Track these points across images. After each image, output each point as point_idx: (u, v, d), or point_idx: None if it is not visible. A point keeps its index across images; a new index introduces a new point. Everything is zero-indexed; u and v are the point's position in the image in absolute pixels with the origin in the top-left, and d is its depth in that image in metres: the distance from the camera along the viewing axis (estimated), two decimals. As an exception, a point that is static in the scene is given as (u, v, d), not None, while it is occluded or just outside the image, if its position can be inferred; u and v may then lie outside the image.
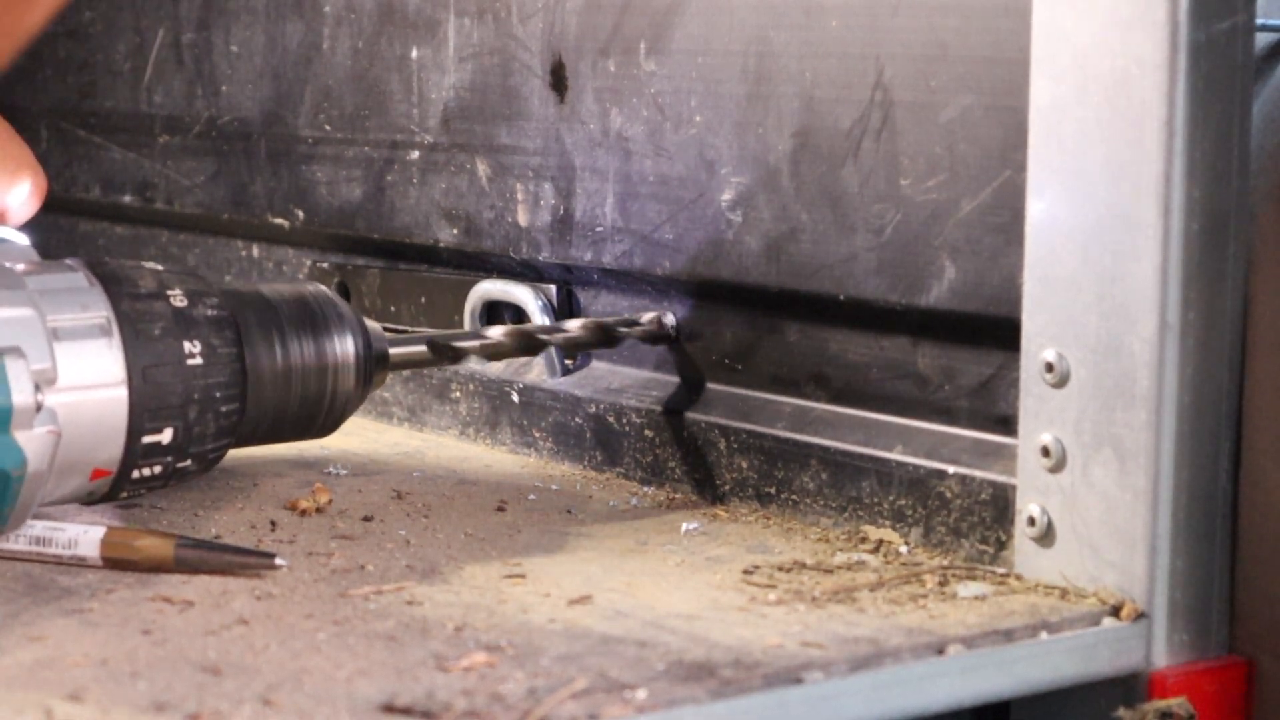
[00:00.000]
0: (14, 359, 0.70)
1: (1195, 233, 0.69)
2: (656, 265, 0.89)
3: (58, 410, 0.72)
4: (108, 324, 0.75)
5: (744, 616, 0.69)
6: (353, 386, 0.82)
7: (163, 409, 0.75)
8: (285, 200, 1.08)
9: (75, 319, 0.74)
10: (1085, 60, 0.71)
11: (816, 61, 0.82)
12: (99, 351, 0.74)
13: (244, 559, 0.73)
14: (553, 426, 0.94)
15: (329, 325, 0.82)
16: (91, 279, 0.76)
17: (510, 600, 0.71)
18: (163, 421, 0.75)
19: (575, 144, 0.92)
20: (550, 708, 0.59)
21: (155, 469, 0.76)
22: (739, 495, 0.86)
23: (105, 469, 0.75)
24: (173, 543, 0.73)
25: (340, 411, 0.83)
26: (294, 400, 0.81)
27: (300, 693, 0.60)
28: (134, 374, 0.74)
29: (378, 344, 0.84)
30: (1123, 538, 0.71)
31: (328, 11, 1.05)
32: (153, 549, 0.73)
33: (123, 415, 0.74)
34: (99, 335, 0.74)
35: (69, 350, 0.73)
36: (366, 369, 0.83)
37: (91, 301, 0.75)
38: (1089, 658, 0.69)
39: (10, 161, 0.81)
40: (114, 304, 0.75)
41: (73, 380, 0.73)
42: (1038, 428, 0.73)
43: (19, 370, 0.70)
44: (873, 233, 0.80)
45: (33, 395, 0.70)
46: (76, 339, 0.74)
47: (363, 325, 0.83)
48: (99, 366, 0.74)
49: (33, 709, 0.59)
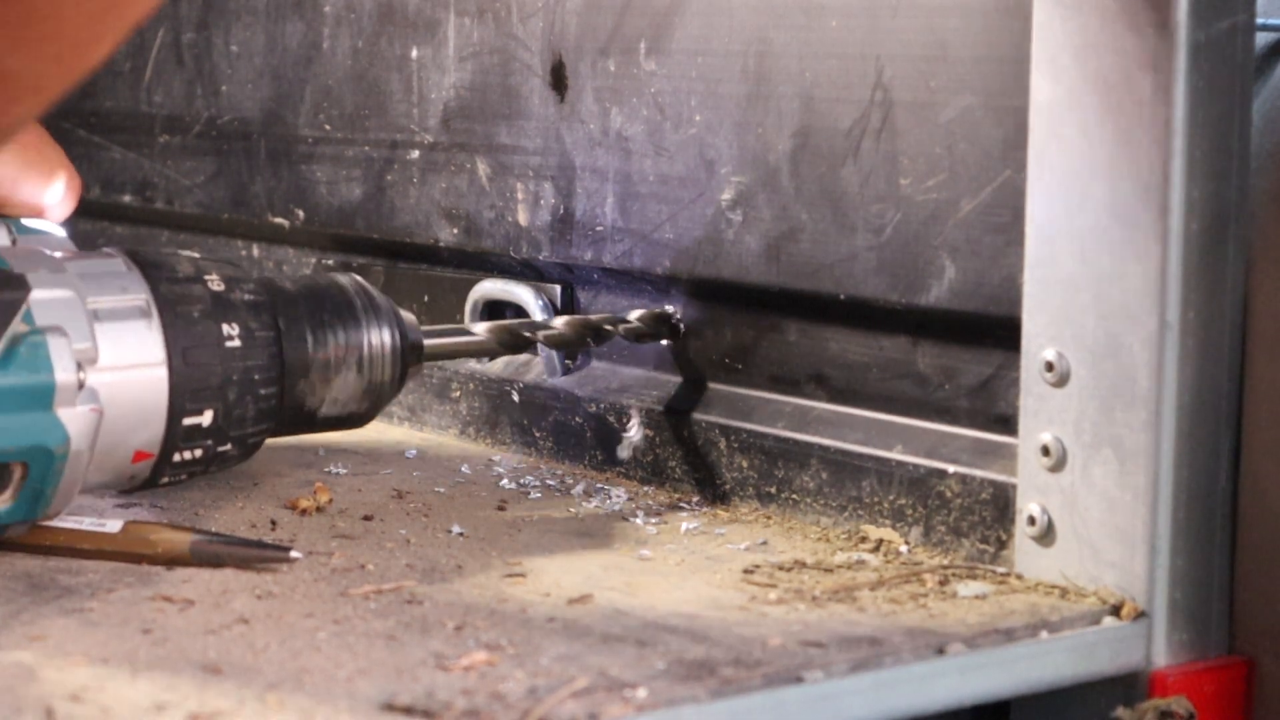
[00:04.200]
0: (56, 337, 0.71)
1: (1195, 233, 0.69)
2: (657, 265, 0.89)
3: (99, 389, 0.73)
4: (147, 306, 0.75)
5: (744, 616, 0.69)
6: (388, 376, 0.83)
7: (202, 390, 0.76)
8: (285, 200, 1.08)
9: (115, 301, 0.75)
10: (1085, 60, 0.71)
11: (816, 61, 0.82)
12: (139, 332, 0.75)
13: (260, 552, 0.74)
14: (553, 426, 0.94)
15: (365, 314, 0.82)
16: (130, 264, 0.77)
17: (510, 599, 0.71)
18: (203, 403, 0.76)
19: (575, 144, 0.92)
20: (550, 707, 0.59)
21: (196, 452, 0.77)
22: (739, 494, 0.86)
23: (147, 451, 0.75)
24: (189, 536, 0.74)
25: (376, 401, 0.83)
26: (331, 388, 0.81)
27: (300, 692, 0.60)
28: (173, 355, 0.75)
29: (413, 334, 0.84)
30: (1123, 537, 0.71)
31: (328, 11, 1.05)
32: (169, 542, 0.74)
33: (163, 395, 0.75)
34: (139, 317, 0.75)
35: (109, 331, 0.74)
36: (402, 359, 0.83)
37: (131, 285, 0.76)
38: (1089, 657, 0.69)
39: (46, 162, 0.82)
40: (153, 287, 0.76)
41: (113, 360, 0.74)
42: (1038, 427, 0.73)
43: (61, 348, 0.71)
44: (873, 232, 0.80)
45: (75, 373, 0.71)
46: (116, 320, 0.74)
47: (398, 316, 0.84)
48: (139, 347, 0.75)
49: (33, 709, 0.59)
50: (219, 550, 0.74)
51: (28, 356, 0.70)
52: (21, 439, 0.70)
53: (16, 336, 0.70)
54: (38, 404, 0.70)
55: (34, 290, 0.72)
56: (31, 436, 0.70)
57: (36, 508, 0.72)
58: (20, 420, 0.70)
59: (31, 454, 0.70)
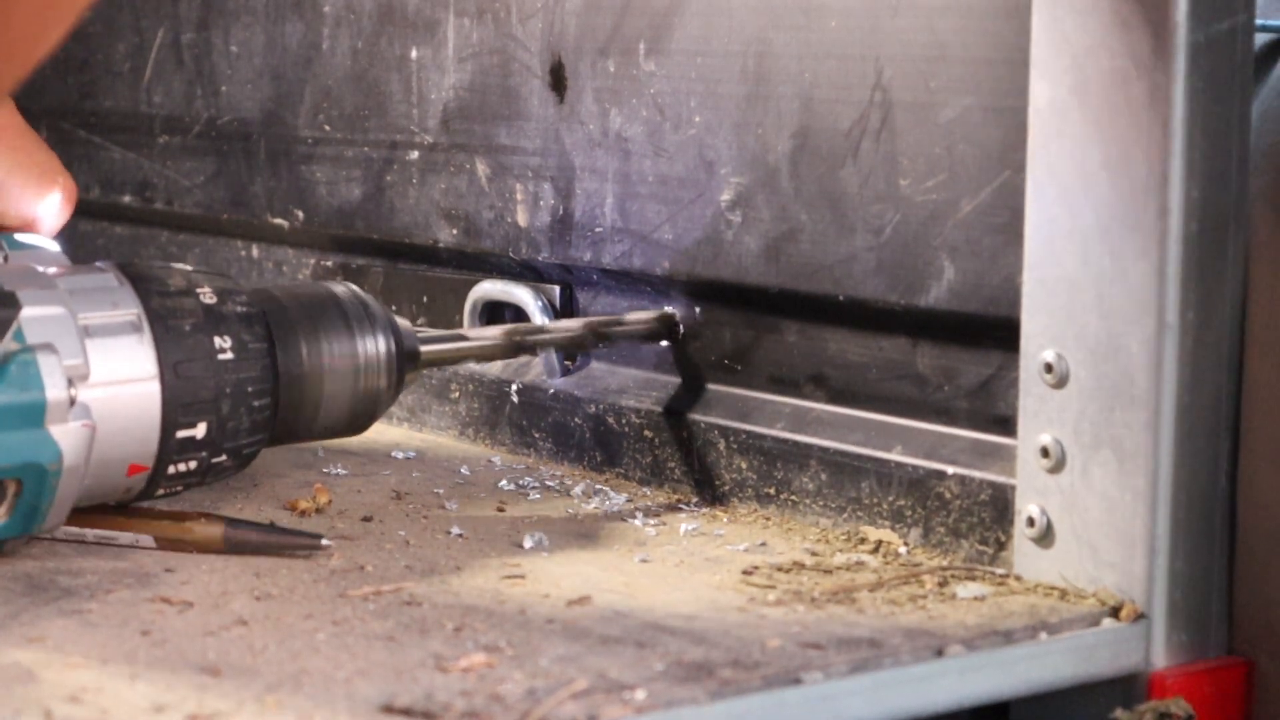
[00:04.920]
0: (46, 355, 0.71)
1: (1194, 233, 0.69)
2: (656, 265, 0.89)
3: (91, 405, 0.73)
4: (138, 320, 0.75)
5: (743, 617, 0.69)
6: (384, 384, 0.83)
7: (195, 403, 0.76)
8: (285, 200, 1.08)
9: (106, 316, 0.75)
10: (1085, 60, 0.71)
11: (816, 62, 0.82)
12: (130, 347, 0.75)
13: (291, 540, 0.76)
14: (552, 427, 0.94)
15: (359, 323, 0.82)
16: (121, 278, 0.77)
17: (509, 601, 0.71)
18: (196, 416, 0.76)
19: (575, 144, 0.92)
20: (549, 708, 0.59)
21: (190, 464, 0.77)
22: (738, 496, 0.86)
23: (141, 464, 0.76)
24: (222, 524, 0.76)
25: (372, 410, 0.83)
26: (326, 397, 0.81)
27: (299, 693, 0.60)
28: (165, 369, 0.75)
29: (408, 342, 0.84)
30: (1122, 538, 0.71)
31: (328, 11, 1.05)
32: (203, 531, 0.76)
33: (156, 409, 0.75)
34: (130, 332, 0.75)
35: (100, 347, 0.74)
36: (398, 367, 0.83)
37: (122, 300, 0.76)
38: (1088, 658, 0.69)
39: (41, 171, 0.82)
40: (144, 301, 0.76)
41: (105, 376, 0.74)
42: (1037, 428, 0.73)
43: (52, 365, 0.71)
44: (872, 233, 0.80)
45: (66, 390, 0.71)
46: (108, 335, 0.75)
47: (393, 323, 0.84)
48: (131, 362, 0.75)
49: (32, 709, 0.59)
50: (252, 539, 0.76)
51: (18, 374, 0.71)
52: (14, 456, 0.70)
53: (7, 354, 0.71)
54: (30, 421, 0.71)
55: (24, 308, 0.72)
56: (24, 454, 0.71)
57: (31, 523, 0.72)
58: (12, 438, 0.70)
59: (25, 471, 0.71)
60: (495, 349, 0.88)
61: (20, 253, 0.80)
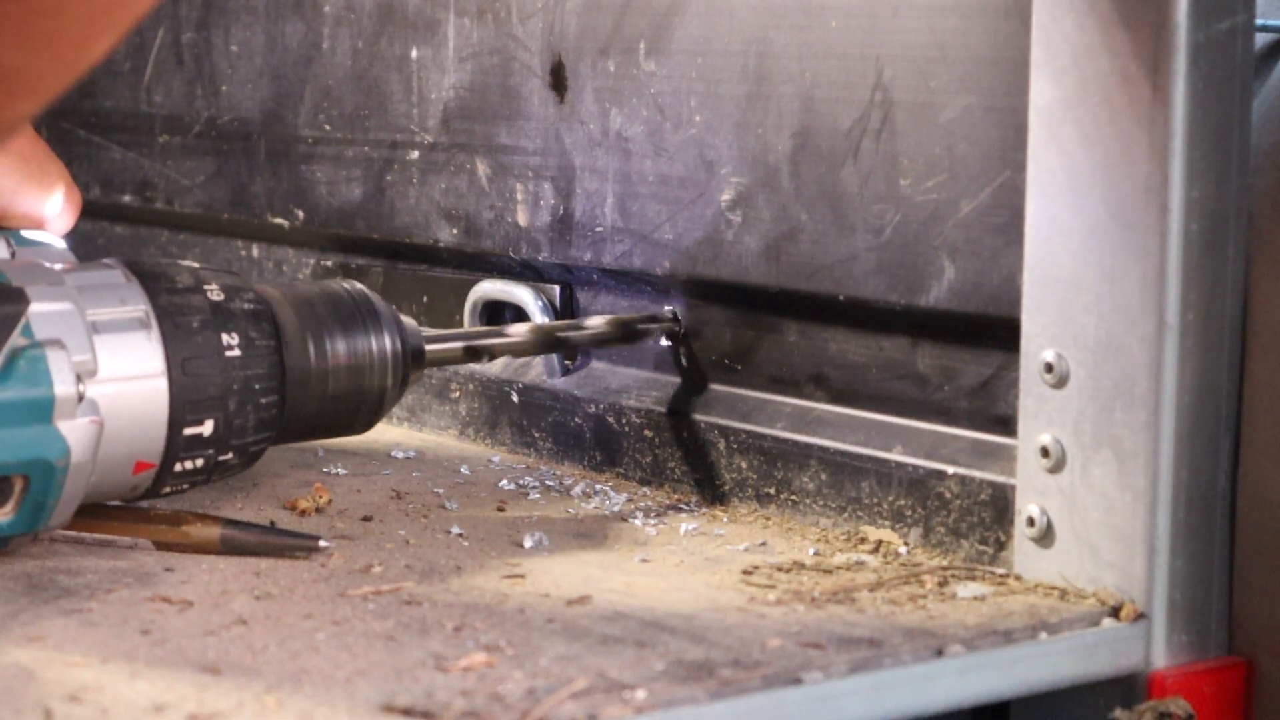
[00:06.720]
0: (55, 350, 0.71)
1: (1194, 233, 0.69)
2: (656, 265, 0.89)
3: (99, 401, 0.73)
4: (146, 317, 0.76)
5: (743, 617, 0.69)
6: (389, 383, 0.83)
7: (203, 400, 0.76)
8: (285, 200, 1.08)
9: (114, 312, 0.75)
10: (1085, 60, 0.71)
11: (816, 62, 0.82)
12: (138, 344, 0.75)
13: (289, 541, 0.76)
14: (552, 426, 0.94)
15: (365, 321, 0.82)
16: (129, 275, 0.77)
17: (509, 600, 0.71)
18: (203, 413, 0.76)
19: (575, 144, 0.92)
20: (549, 708, 0.59)
21: (197, 461, 0.77)
22: (738, 495, 0.86)
23: (148, 461, 0.76)
24: (219, 525, 0.75)
25: (377, 408, 0.83)
26: (332, 396, 0.81)
27: (299, 693, 0.60)
28: (173, 365, 0.75)
29: (414, 340, 0.84)
30: (1122, 538, 0.71)
31: (328, 11, 1.05)
32: (200, 532, 0.75)
33: (163, 406, 0.75)
34: (138, 328, 0.75)
35: (108, 343, 0.74)
36: (403, 366, 0.83)
37: (129, 296, 0.76)
38: (1088, 658, 0.69)
39: (45, 175, 0.82)
40: (152, 298, 0.76)
41: (113, 372, 0.74)
42: (1037, 428, 0.73)
43: (60, 361, 0.71)
44: (872, 233, 0.80)
45: (74, 385, 0.71)
46: (116, 332, 0.75)
47: (399, 322, 0.84)
48: (138, 358, 0.75)
49: (33, 708, 0.59)
50: (249, 540, 0.75)
51: (27, 370, 0.71)
52: (22, 452, 0.70)
53: (15, 350, 0.71)
54: (38, 417, 0.71)
55: (33, 303, 0.72)
56: (32, 450, 0.71)
57: (38, 520, 0.72)
58: (20, 434, 0.70)
59: (32, 467, 0.71)
60: (527, 345, 0.88)
61: (28, 249, 0.80)
